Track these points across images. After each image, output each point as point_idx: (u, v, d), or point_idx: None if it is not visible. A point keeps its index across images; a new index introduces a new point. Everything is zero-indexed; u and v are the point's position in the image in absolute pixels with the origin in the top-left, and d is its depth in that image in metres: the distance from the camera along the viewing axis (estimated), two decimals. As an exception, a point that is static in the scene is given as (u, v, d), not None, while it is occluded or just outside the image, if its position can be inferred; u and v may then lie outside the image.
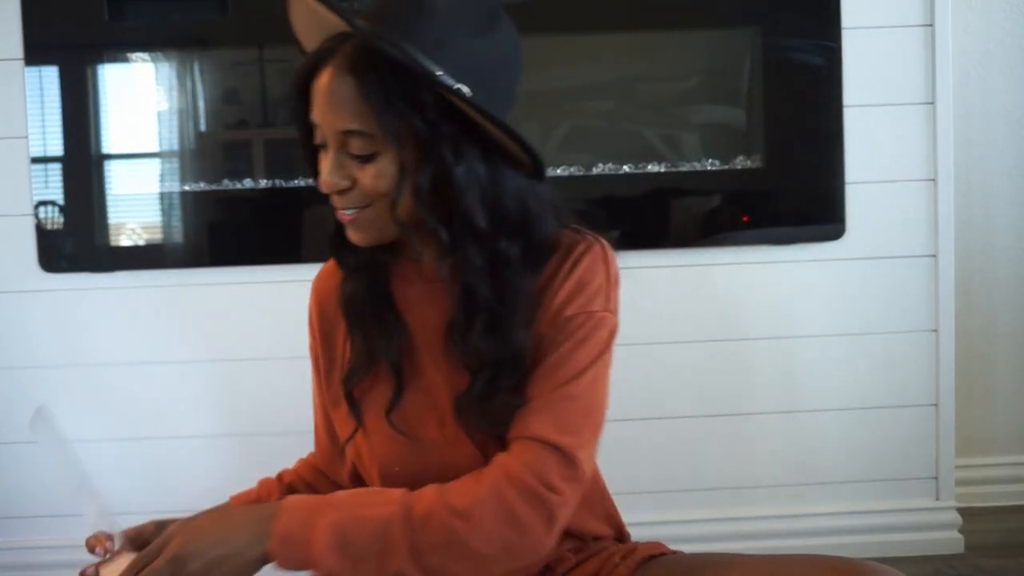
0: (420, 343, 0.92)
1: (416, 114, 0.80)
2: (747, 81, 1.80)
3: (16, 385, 1.78)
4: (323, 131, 0.84)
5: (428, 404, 0.91)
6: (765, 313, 1.81)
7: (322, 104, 0.83)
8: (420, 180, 0.82)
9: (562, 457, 0.80)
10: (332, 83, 0.82)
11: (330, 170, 0.84)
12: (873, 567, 0.82)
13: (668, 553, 0.98)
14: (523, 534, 0.78)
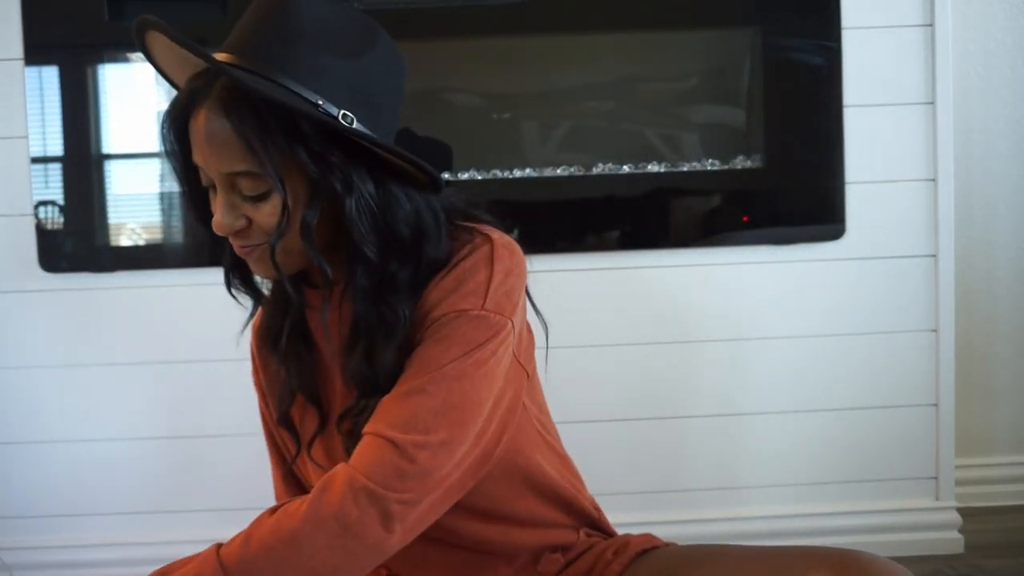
0: (334, 374, 0.91)
1: (300, 148, 0.78)
2: (747, 81, 1.80)
3: (16, 385, 1.77)
4: (208, 174, 0.82)
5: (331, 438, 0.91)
6: (765, 313, 1.81)
7: (203, 147, 0.80)
8: (308, 216, 0.80)
9: (400, 454, 0.77)
10: (209, 125, 0.79)
11: (223, 213, 0.82)
12: (866, 557, 0.81)
13: (660, 546, 0.97)
14: (359, 538, 0.75)
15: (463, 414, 0.80)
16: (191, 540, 1.79)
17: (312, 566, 0.75)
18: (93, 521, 1.79)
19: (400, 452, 0.77)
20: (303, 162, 0.78)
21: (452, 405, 0.80)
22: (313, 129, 0.78)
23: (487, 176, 1.77)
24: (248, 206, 0.82)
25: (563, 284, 1.74)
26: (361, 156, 0.81)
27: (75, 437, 1.79)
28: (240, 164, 0.79)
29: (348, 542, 0.75)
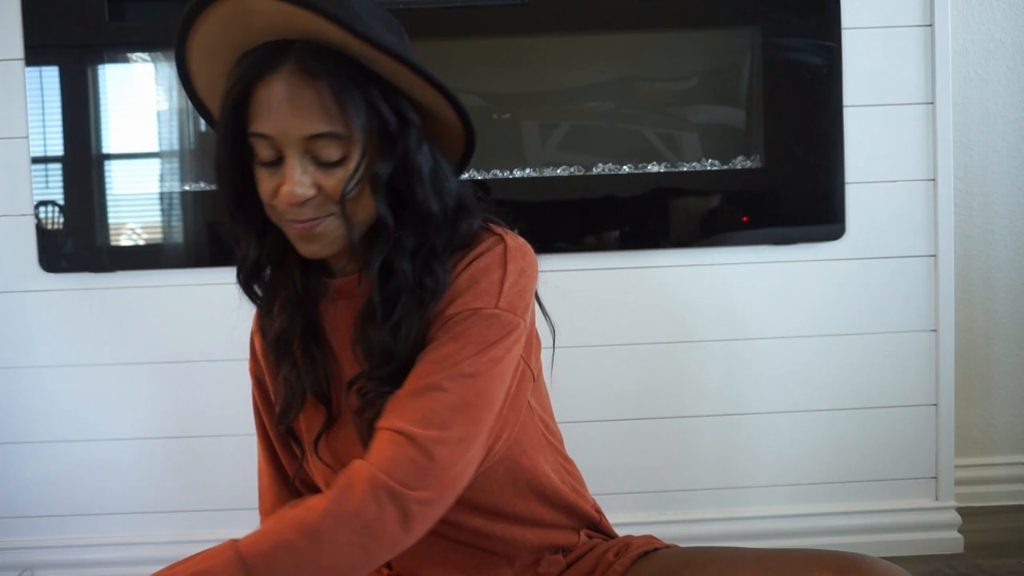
0: (344, 365, 0.91)
1: (382, 103, 0.81)
2: (747, 81, 1.80)
3: (16, 385, 1.77)
4: (278, 141, 0.80)
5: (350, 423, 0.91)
6: (765, 313, 1.81)
7: (280, 112, 0.79)
8: (381, 169, 0.81)
9: (418, 450, 0.77)
10: (289, 89, 0.79)
11: (297, 180, 0.80)
12: (867, 560, 0.82)
13: (662, 547, 0.97)
14: (378, 536, 0.75)
15: (479, 412, 0.81)
16: (191, 540, 1.79)
17: (332, 562, 0.74)
18: (93, 521, 1.80)
19: (419, 448, 0.77)
20: (388, 120, 0.81)
21: (468, 402, 0.80)
22: (385, 87, 0.81)
23: (487, 176, 1.77)
24: (320, 173, 0.81)
25: (563, 284, 1.74)
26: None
27: (75, 437, 1.79)
28: (323, 125, 0.79)
29: (367, 540, 0.75)
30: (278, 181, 0.81)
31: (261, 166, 0.83)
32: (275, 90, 0.80)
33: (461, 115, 0.85)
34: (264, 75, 0.80)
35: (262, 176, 0.83)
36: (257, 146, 0.82)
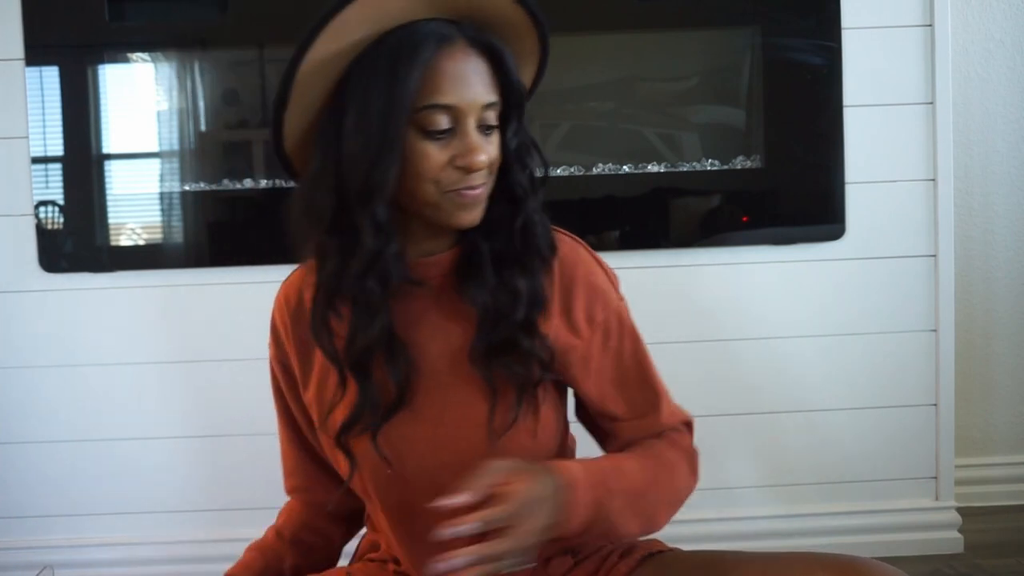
0: (424, 360, 0.91)
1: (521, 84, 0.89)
2: (747, 81, 1.80)
3: (16, 385, 1.77)
4: (460, 111, 0.83)
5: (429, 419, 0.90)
6: (765, 313, 1.81)
7: (464, 81, 0.83)
8: (520, 135, 0.89)
9: (688, 427, 1.04)
10: (468, 61, 0.84)
11: (484, 146, 0.85)
12: (870, 564, 0.82)
13: (666, 550, 0.98)
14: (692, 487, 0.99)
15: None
16: (191, 540, 1.80)
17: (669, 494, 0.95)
18: (93, 521, 1.80)
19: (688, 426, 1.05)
20: (523, 93, 0.89)
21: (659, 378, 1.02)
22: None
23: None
24: (485, 140, 0.86)
25: (563, 284, 1.74)
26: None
27: (75, 437, 1.79)
28: (493, 95, 0.86)
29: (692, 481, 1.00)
30: (452, 152, 0.84)
31: (431, 140, 0.84)
32: (458, 61, 0.83)
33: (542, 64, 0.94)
34: (444, 48, 0.83)
35: (430, 150, 0.83)
36: (433, 118, 0.83)
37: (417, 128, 0.83)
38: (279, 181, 1.76)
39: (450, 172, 0.84)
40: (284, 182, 1.76)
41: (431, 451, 0.90)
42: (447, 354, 0.91)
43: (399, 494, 0.92)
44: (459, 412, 0.91)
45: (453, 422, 0.91)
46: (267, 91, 1.79)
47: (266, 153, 1.78)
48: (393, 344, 0.89)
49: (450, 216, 0.86)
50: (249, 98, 1.79)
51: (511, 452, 0.89)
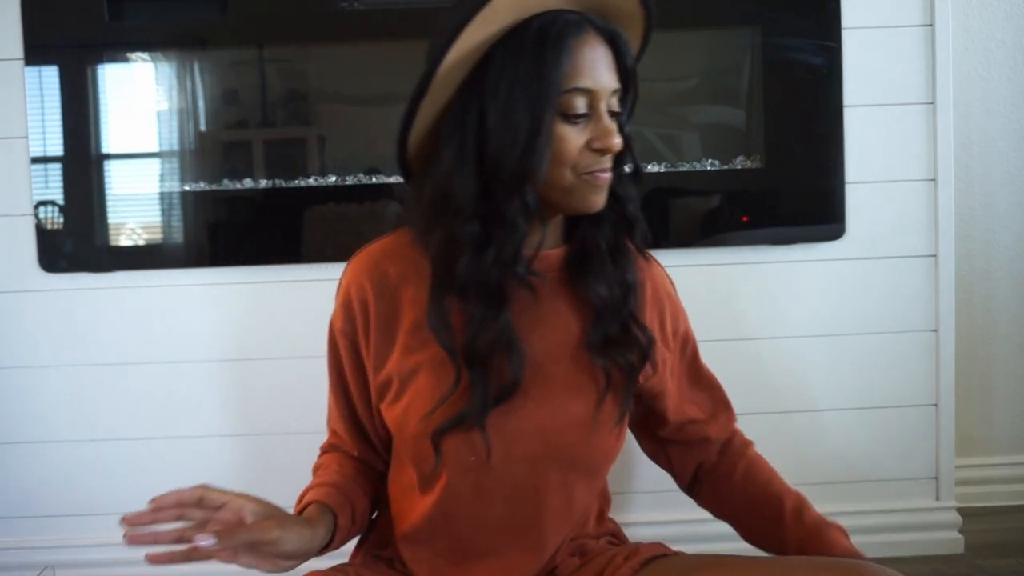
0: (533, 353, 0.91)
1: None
2: (747, 81, 1.80)
3: (16, 385, 1.77)
4: (597, 95, 0.87)
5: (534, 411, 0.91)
6: (765, 313, 1.81)
7: (601, 67, 0.88)
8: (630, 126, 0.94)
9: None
10: (599, 48, 0.88)
11: (616, 132, 0.88)
12: (871, 568, 0.82)
13: (670, 554, 0.98)
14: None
15: None
16: (191, 540, 1.79)
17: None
18: (93, 521, 1.80)
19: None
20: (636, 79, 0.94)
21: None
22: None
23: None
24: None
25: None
26: None
27: (75, 437, 1.79)
28: (617, 82, 0.90)
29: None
30: (588, 135, 0.88)
31: (570, 123, 0.87)
32: (594, 48, 0.88)
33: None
34: (581, 35, 0.87)
35: (569, 134, 0.87)
36: (572, 101, 0.86)
37: (557, 112, 0.86)
38: (279, 181, 1.76)
39: (586, 155, 0.88)
40: (284, 182, 1.76)
41: (534, 442, 0.91)
42: (554, 347, 0.93)
43: (475, 482, 0.92)
44: (561, 405, 0.92)
45: (554, 415, 0.91)
46: (267, 91, 1.79)
47: (266, 153, 1.78)
48: (511, 338, 0.89)
49: (583, 200, 0.89)
50: (249, 98, 1.79)
51: (598, 449, 0.94)
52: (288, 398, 1.76)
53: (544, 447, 0.91)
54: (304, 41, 1.76)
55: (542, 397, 0.91)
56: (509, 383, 0.88)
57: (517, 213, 0.86)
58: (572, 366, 0.93)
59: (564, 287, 0.95)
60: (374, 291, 0.94)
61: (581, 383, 0.93)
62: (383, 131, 1.77)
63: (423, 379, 0.91)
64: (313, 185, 1.75)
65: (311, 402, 1.77)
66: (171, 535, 0.81)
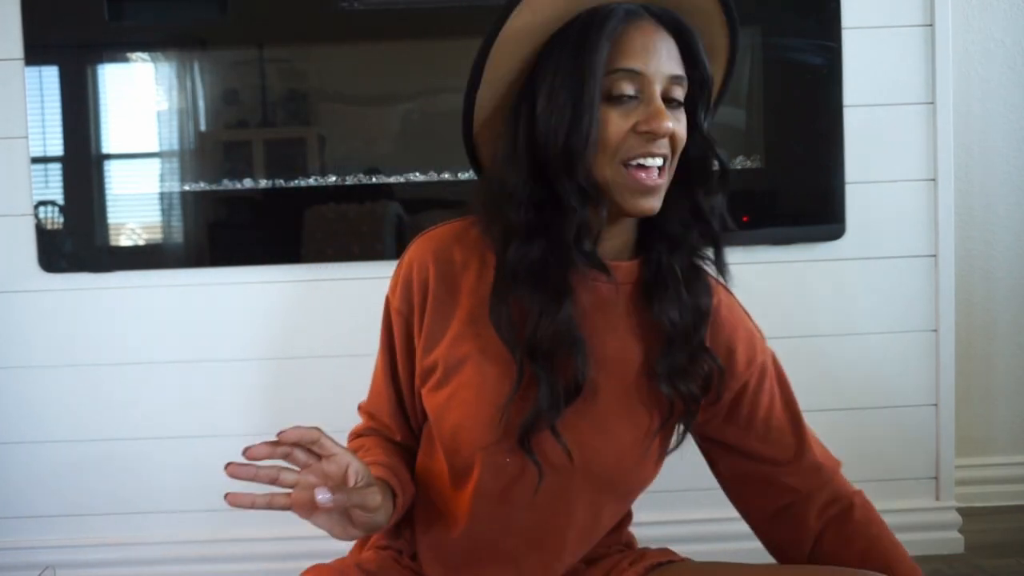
0: (598, 342, 0.89)
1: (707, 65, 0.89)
2: (747, 81, 1.80)
3: (16, 385, 1.77)
4: (646, 78, 0.84)
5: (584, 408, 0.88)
6: (764, 313, 1.80)
7: (654, 50, 0.85)
8: (706, 124, 0.89)
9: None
10: (656, 34, 0.85)
11: (666, 115, 0.84)
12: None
13: (677, 560, 0.98)
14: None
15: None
16: (191, 540, 1.79)
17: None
18: (93, 521, 1.80)
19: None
20: (711, 85, 0.90)
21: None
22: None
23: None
24: (671, 115, 0.86)
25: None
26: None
27: (75, 437, 1.79)
28: (681, 70, 0.87)
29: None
30: (634, 119, 0.84)
31: (615, 106, 0.85)
32: (647, 32, 0.85)
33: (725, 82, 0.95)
34: (632, 20, 0.85)
35: (613, 116, 0.84)
36: (618, 83, 0.84)
37: (603, 95, 0.84)
38: (279, 181, 1.76)
39: (631, 140, 0.84)
40: (284, 182, 1.76)
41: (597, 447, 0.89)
42: (613, 364, 0.90)
43: (506, 485, 0.90)
44: (609, 427, 0.90)
45: (600, 437, 0.89)
46: (267, 91, 1.79)
47: (266, 153, 1.78)
48: (574, 334, 0.87)
49: (625, 200, 0.86)
50: (249, 98, 1.79)
51: (636, 478, 0.92)
52: (289, 398, 1.76)
53: (583, 466, 0.89)
54: (304, 41, 1.76)
55: (590, 413, 0.89)
56: (574, 382, 0.86)
57: (571, 195, 0.85)
58: (628, 390, 0.90)
59: (632, 305, 0.92)
60: (436, 272, 0.92)
61: (635, 410, 0.90)
62: (383, 131, 1.77)
63: (469, 370, 0.89)
64: (313, 185, 1.75)
65: (312, 401, 1.77)
66: (270, 474, 0.81)
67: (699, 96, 0.89)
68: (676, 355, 0.90)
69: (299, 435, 0.79)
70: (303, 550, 1.65)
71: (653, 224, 0.91)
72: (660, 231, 0.91)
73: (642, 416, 0.90)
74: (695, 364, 0.90)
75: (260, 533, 1.78)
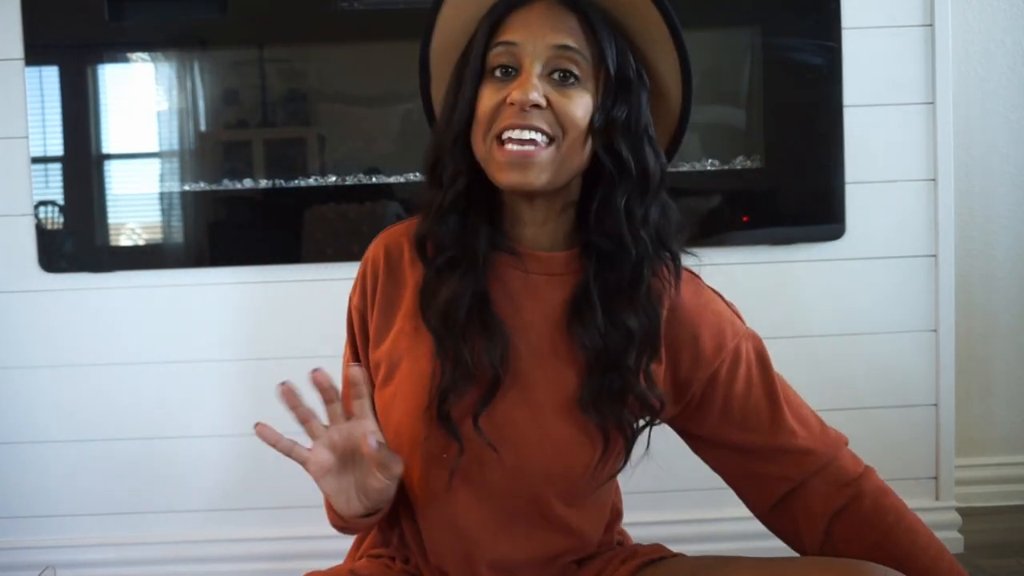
0: (521, 342, 0.88)
1: (628, 55, 0.85)
2: (747, 81, 1.80)
3: (16, 385, 1.77)
4: (522, 48, 0.82)
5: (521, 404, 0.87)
6: (764, 313, 1.80)
7: (536, 23, 0.83)
8: (618, 114, 0.83)
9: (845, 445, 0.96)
10: (550, 11, 0.83)
11: (534, 83, 0.81)
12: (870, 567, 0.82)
13: (669, 556, 0.98)
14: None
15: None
16: (191, 540, 1.79)
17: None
18: (93, 521, 1.80)
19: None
20: (628, 63, 0.85)
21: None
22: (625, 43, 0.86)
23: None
24: (554, 91, 0.82)
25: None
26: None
27: (75, 437, 1.79)
28: (572, 41, 0.82)
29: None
30: (505, 93, 0.82)
31: (491, 81, 0.84)
32: (533, 11, 0.84)
33: (685, 97, 0.89)
34: (525, 3, 0.84)
35: (487, 92, 0.84)
36: (496, 57, 0.84)
37: (488, 71, 0.85)
38: (279, 181, 1.76)
39: (503, 113, 0.82)
40: (284, 182, 1.76)
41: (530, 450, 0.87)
42: (560, 359, 0.88)
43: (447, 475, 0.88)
44: (558, 416, 0.88)
45: (547, 424, 0.87)
46: (267, 91, 1.79)
47: (266, 153, 1.78)
48: (489, 318, 0.86)
49: (494, 174, 0.84)
50: (249, 98, 1.79)
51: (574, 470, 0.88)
52: (288, 398, 1.76)
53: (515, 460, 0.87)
54: (304, 41, 1.76)
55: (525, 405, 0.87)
56: (491, 366, 0.85)
57: (444, 170, 0.87)
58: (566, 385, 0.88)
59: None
60: (385, 268, 0.93)
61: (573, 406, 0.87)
62: (383, 131, 1.77)
63: (406, 365, 0.89)
64: (313, 185, 1.75)
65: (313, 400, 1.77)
66: (307, 412, 0.83)
67: (612, 86, 0.84)
68: (598, 381, 0.86)
69: (331, 386, 0.82)
70: (303, 550, 1.66)
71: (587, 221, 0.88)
72: (590, 233, 0.87)
73: (581, 415, 0.87)
74: (625, 390, 0.86)
75: (260, 533, 1.78)
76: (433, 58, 0.91)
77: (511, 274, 0.89)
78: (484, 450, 0.86)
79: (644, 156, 0.85)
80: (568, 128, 0.82)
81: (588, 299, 0.86)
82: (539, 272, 0.89)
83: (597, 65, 0.84)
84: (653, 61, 0.88)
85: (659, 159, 0.87)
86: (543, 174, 0.82)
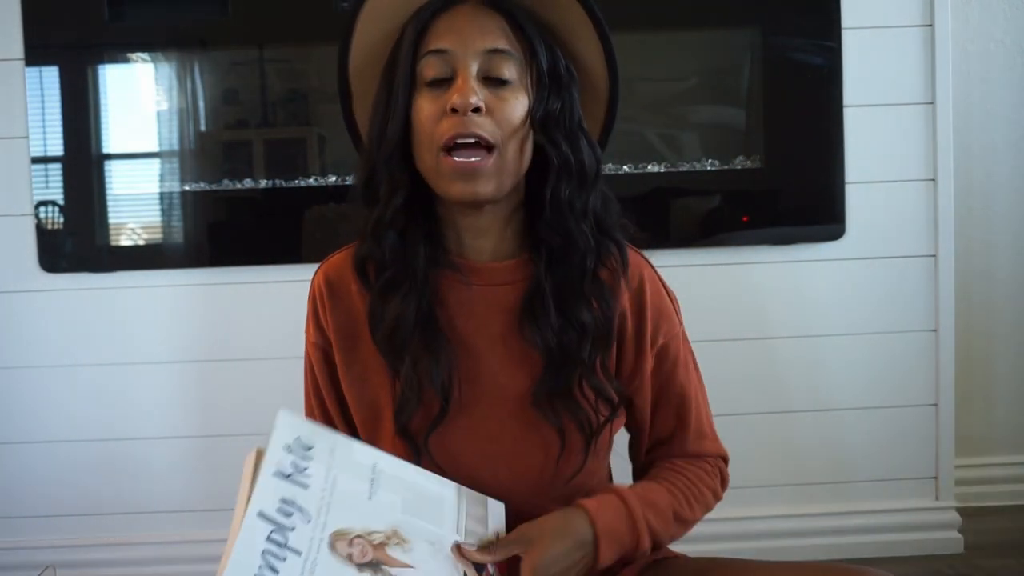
0: (470, 357, 0.88)
1: (557, 51, 0.87)
2: (747, 81, 1.80)
3: (16, 385, 1.77)
4: (455, 56, 0.82)
5: (469, 427, 0.88)
6: (764, 313, 1.81)
7: (464, 29, 0.82)
8: (553, 107, 0.84)
9: (724, 461, 0.99)
10: (476, 15, 0.83)
11: (468, 91, 0.80)
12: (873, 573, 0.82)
13: (671, 557, 0.98)
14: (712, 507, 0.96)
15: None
16: (191, 540, 1.79)
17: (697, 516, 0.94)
18: (93, 521, 1.80)
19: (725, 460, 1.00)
20: (557, 60, 0.86)
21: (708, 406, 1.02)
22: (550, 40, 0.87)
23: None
24: (490, 94, 0.82)
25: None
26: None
27: (75, 437, 1.79)
28: (503, 44, 0.83)
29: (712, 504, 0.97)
30: (443, 102, 0.81)
31: (425, 91, 0.83)
32: (459, 15, 0.84)
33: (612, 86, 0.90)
34: (449, 7, 0.84)
35: (424, 103, 0.83)
36: (428, 67, 0.83)
37: (420, 83, 0.83)
38: (279, 181, 1.76)
39: (444, 122, 0.81)
40: (284, 182, 1.76)
41: (486, 467, 0.88)
42: (512, 370, 0.88)
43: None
44: (524, 444, 0.88)
45: (515, 448, 0.88)
46: (267, 91, 1.79)
47: (266, 153, 1.78)
48: (434, 335, 0.85)
49: (443, 187, 0.83)
50: (249, 98, 1.79)
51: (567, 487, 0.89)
52: (291, 398, 1.76)
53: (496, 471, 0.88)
54: (304, 41, 1.76)
55: (495, 424, 0.88)
56: (440, 385, 0.85)
57: (379, 185, 0.86)
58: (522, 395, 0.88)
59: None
60: (330, 300, 0.93)
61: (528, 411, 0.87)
62: (383, 131, 1.77)
63: (384, 402, 0.90)
64: (313, 185, 1.75)
65: (311, 402, 1.77)
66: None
67: (544, 82, 0.85)
68: (553, 378, 0.86)
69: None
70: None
71: (534, 224, 0.88)
72: (541, 230, 0.87)
73: (536, 416, 0.87)
74: (581, 384, 0.86)
75: (260, 533, 1.77)
76: (352, 75, 0.89)
77: (456, 288, 0.89)
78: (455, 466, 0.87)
79: (580, 149, 0.86)
80: (507, 132, 0.83)
81: (542, 299, 0.86)
82: (482, 283, 0.89)
83: (528, 64, 0.84)
84: (578, 53, 0.89)
85: (594, 151, 0.88)
86: (490, 183, 0.83)
